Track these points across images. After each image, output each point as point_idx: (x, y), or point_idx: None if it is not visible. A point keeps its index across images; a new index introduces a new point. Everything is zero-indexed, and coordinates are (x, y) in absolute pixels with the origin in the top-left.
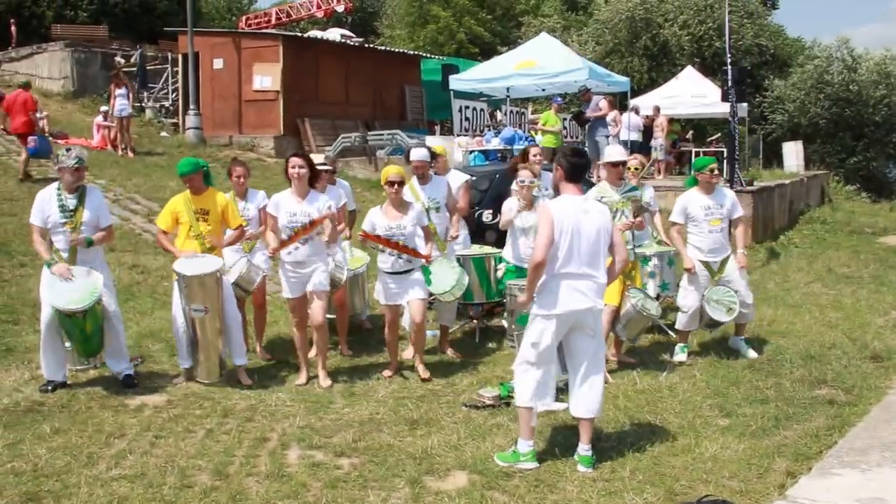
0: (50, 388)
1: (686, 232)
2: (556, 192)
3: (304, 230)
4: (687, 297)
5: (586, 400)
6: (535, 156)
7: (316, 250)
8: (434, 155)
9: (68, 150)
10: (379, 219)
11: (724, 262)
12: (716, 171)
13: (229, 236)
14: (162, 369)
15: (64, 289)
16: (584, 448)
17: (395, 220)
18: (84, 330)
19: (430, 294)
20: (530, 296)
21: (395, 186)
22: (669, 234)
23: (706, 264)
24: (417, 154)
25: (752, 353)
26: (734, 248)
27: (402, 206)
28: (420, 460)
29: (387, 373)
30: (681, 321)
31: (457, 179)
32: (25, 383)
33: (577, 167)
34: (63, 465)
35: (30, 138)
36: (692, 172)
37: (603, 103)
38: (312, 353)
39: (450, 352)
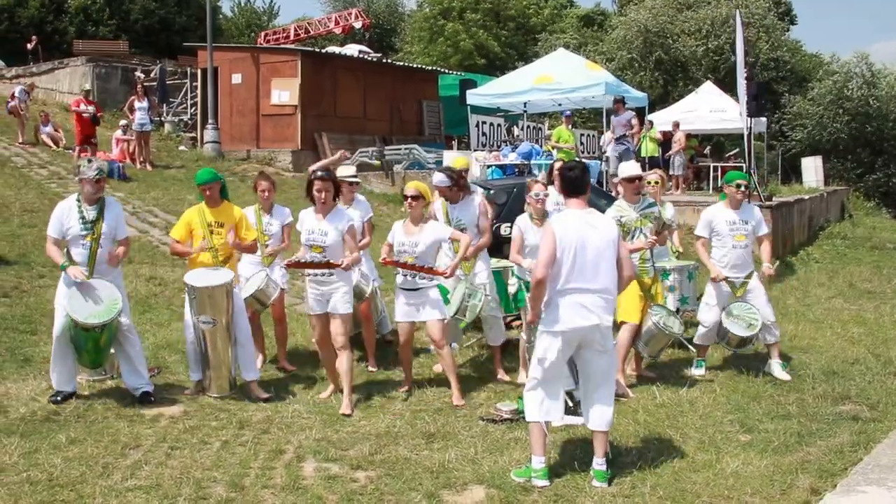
0: (59, 398)
1: (710, 246)
2: None
3: (320, 265)
4: (707, 313)
5: (598, 413)
6: (558, 171)
7: (339, 272)
8: (455, 177)
9: (89, 160)
10: (398, 233)
11: (745, 281)
12: (742, 187)
13: (243, 243)
14: (178, 380)
15: (85, 301)
16: (598, 462)
17: (411, 236)
18: (98, 342)
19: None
20: (536, 312)
21: (410, 200)
22: (695, 247)
23: (728, 281)
24: (435, 179)
25: (784, 376)
26: (758, 265)
27: (419, 222)
28: (437, 474)
29: (402, 389)
30: (700, 335)
31: None
32: (42, 393)
33: (572, 181)
34: (78, 475)
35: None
36: (723, 187)
37: (635, 121)
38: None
39: (500, 374)
